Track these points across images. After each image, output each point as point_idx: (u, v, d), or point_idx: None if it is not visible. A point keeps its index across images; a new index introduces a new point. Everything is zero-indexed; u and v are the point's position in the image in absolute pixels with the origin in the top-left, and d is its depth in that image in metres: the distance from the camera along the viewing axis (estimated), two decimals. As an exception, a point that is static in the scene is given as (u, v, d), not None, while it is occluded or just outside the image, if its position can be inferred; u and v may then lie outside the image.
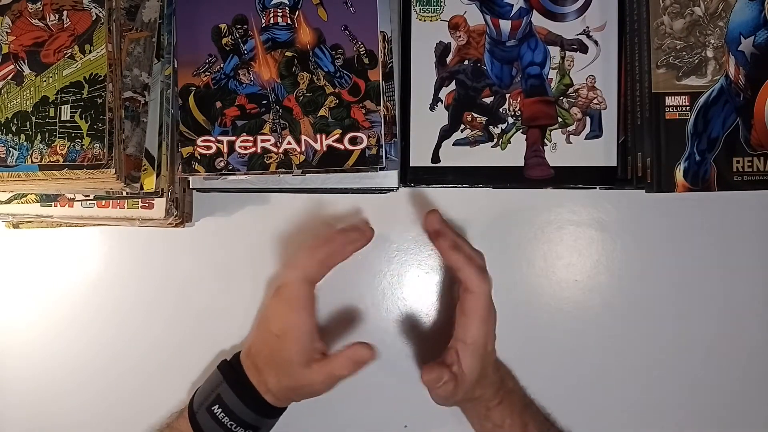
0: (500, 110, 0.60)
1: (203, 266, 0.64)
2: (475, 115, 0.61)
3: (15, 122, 0.53)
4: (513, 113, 0.60)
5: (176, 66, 0.58)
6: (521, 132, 0.60)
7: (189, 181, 0.61)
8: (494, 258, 0.63)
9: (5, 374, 0.65)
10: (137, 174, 0.56)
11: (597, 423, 0.63)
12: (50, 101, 0.53)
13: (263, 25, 0.58)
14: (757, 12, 0.56)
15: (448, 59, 0.61)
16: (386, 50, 0.58)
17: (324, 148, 0.57)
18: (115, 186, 0.55)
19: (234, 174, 0.58)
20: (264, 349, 0.55)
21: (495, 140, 0.60)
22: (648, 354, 0.63)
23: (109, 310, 0.64)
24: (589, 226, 0.63)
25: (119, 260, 0.64)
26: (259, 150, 0.57)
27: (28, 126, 0.53)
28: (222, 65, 0.58)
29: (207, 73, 0.58)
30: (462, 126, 0.61)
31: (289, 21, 0.58)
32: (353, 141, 0.57)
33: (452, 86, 0.61)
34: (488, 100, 0.61)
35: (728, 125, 0.56)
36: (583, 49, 0.60)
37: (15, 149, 0.53)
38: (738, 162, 0.56)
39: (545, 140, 0.60)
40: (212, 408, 0.54)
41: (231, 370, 0.56)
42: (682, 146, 0.56)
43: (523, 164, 0.60)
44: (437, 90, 0.61)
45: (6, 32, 0.54)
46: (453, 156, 0.60)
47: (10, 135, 0.53)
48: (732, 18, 0.56)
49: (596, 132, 0.60)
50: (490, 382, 0.56)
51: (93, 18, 0.54)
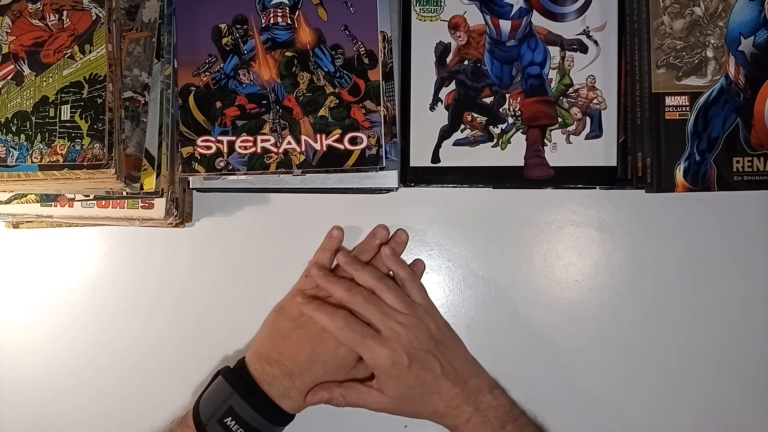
0: (500, 110, 0.60)
1: (203, 266, 0.64)
2: (475, 115, 0.61)
3: (15, 122, 0.53)
4: (513, 113, 0.60)
5: (176, 66, 0.58)
6: (521, 132, 0.60)
7: (189, 181, 0.61)
8: (494, 258, 0.64)
9: (5, 374, 0.65)
10: (137, 174, 0.56)
11: (597, 423, 0.63)
12: (50, 101, 0.53)
13: (263, 25, 0.58)
14: (757, 12, 0.56)
15: (448, 59, 0.61)
16: (386, 50, 0.58)
17: (324, 148, 0.57)
18: (115, 186, 0.55)
19: (234, 174, 0.58)
20: (308, 361, 0.56)
21: (495, 140, 0.60)
22: (648, 354, 0.63)
23: (109, 310, 0.64)
24: (589, 226, 0.63)
25: (119, 260, 0.64)
26: (259, 150, 0.57)
27: (28, 126, 0.53)
28: (222, 65, 0.58)
29: (207, 73, 0.58)
30: (462, 126, 0.61)
31: (289, 21, 0.58)
32: (353, 141, 0.57)
33: (452, 86, 0.61)
34: (488, 100, 0.61)
35: (728, 125, 0.56)
36: (583, 49, 0.60)
37: (15, 149, 0.53)
38: (738, 162, 0.56)
39: (545, 140, 0.60)
40: (225, 420, 0.54)
41: (239, 379, 0.56)
42: (682, 146, 0.56)
43: (523, 164, 0.60)
44: (437, 90, 0.61)
45: (6, 32, 0.54)
46: (453, 156, 0.60)
47: (10, 135, 0.53)
48: (732, 18, 0.56)
49: (596, 132, 0.60)
50: (444, 398, 0.55)
51: (93, 18, 0.54)
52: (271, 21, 0.58)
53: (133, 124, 0.56)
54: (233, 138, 0.58)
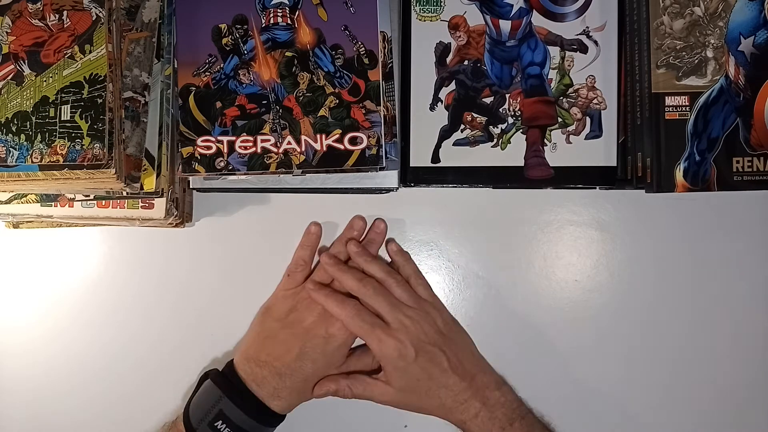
0: (500, 110, 0.60)
1: (203, 266, 0.64)
2: (475, 115, 0.61)
3: (15, 122, 0.53)
4: (513, 113, 0.60)
5: (176, 66, 0.58)
6: (521, 132, 0.60)
7: (189, 181, 0.61)
8: (494, 258, 0.64)
9: (5, 374, 0.65)
10: (137, 174, 0.56)
11: (597, 422, 0.63)
12: (50, 101, 0.53)
13: (263, 25, 0.58)
14: (757, 12, 0.56)
15: (448, 59, 0.61)
16: (386, 50, 0.58)
17: (324, 148, 0.57)
18: (115, 186, 0.55)
19: (234, 174, 0.58)
20: (297, 360, 0.56)
21: (495, 140, 0.60)
22: (648, 353, 0.63)
23: (109, 310, 0.64)
24: (589, 226, 0.63)
25: (119, 260, 0.64)
26: (259, 150, 0.57)
27: (29, 126, 0.53)
28: (222, 65, 0.58)
29: (207, 73, 0.58)
30: (462, 126, 0.61)
31: (289, 21, 0.58)
32: (353, 141, 0.57)
33: (452, 86, 0.61)
34: (488, 100, 0.61)
35: (728, 125, 0.56)
36: (583, 49, 0.60)
37: (15, 149, 0.53)
38: (738, 162, 0.56)
39: (545, 140, 0.60)
40: (215, 424, 0.54)
41: (229, 382, 0.56)
42: (682, 146, 0.56)
43: (523, 164, 0.60)
44: (437, 90, 0.61)
45: (6, 32, 0.54)
46: (453, 156, 0.60)
47: (11, 135, 0.53)
48: (732, 18, 0.56)
49: (596, 132, 0.60)
50: (451, 393, 0.55)
51: (93, 18, 0.54)
52: (271, 21, 0.58)
53: (133, 124, 0.56)
54: (233, 138, 0.58)
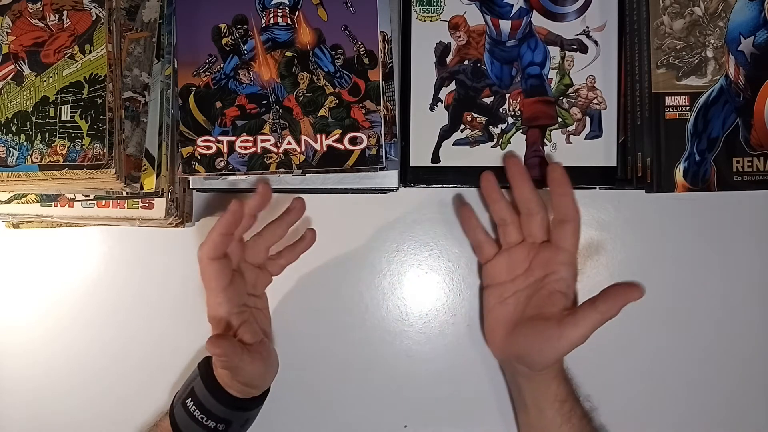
0: (500, 110, 0.60)
1: (203, 266, 0.64)
2: (475, 115, 0.61)
3: (15, 122, 0.53)
4: (513, 113, 0.60)
5: (176, 66, 0.58)
6: (521, 132, 0.60)
7: (189, 181, 0.61)
8: (494, 258, 0.63)
9: (5, 374, 0.65)
10: (137, 174, 0.56)
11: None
12: (50, 101, 0.53)
13: (263, 25, 0.58)
14: (757, 12, 0.56)
15: (448, 59, 0.61)
16: (386, 50, 0.58)
17: (324, 148, 0.57)
18: (115, 186, 0.55)
19: (234, 174, 0.58)
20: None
21: (495, 140, 0.60)
22: (647, 354, 0.63)
23: (109, 310, 0.64)
24: (589, 226, 0.63)
25: (119, 260, 0.64)
26: (259, 150, 0.57)
27: (28, 126, 0.53)
28: (222, 65, 0.58)
29: (207, 73, 0.58)
30: (462, 126, 0.61)
31: (289, 21, 0.58)
32: (353, 141, 0.57)
33: (452, 86, 0.61)
34: (488, 100, 0.61)
35: (728, 125, 0.56)
36: (583, 49, 0.60)
37: (15, 149, 0.53)
38: (738, 162, 0.56)
39: (545, 140, 0.60)
40: (186, 402, 0.54)
41: (206, 365, 0.56)
42: (682, 146, 0.56)
43: (523, 164, 0.60)
44: (437, 90, 0.61)
45: (6, 32, 0.54)
46: (453, 156, 0.60)
47: (10, 135, 0.53)
48: (732, 18, 0.56)
49: (596, 132, 0.60)
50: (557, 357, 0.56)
51: (93, 18, 0.54)
52: (271, 21, 0.58)
53: (133, 124, 0.56)
54: (233, 138, 0.58)
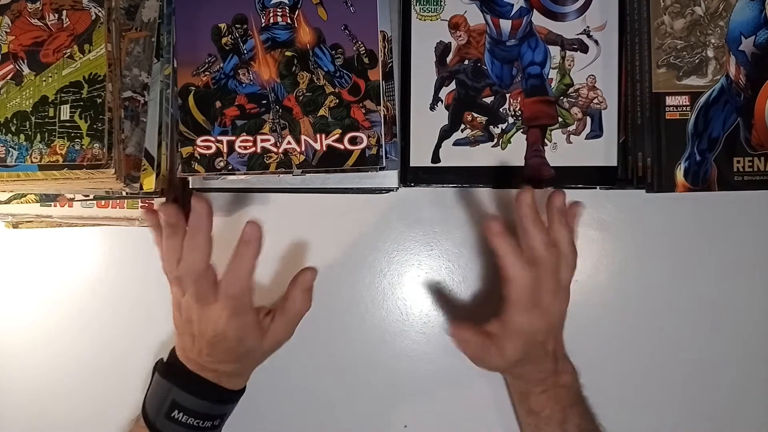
0: (500, 110, 0.60)
1: (203, 266, 0.64)
2: (476, 115, 0.60)
3: (14, 122, 0.53)
4: (513, 113, 0.60)
5: (176, 66, 0.58)
6: (521, 132, 0.60)
7: (189, 181, 0.61)
8: (494, 258, 0.64)
9: (5, 374, 0.65)
10: (137, 174, 0.56)
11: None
12: (50, 101, 0.53)
13: (263, 25, 0.58)
14: (758, 12, 0.56)
15: (449, 59, 0.61)
16: (386, 50, 0.58)
17: (324, 148, 0.57)
18: (115, 186, 0.55)
19: (234, 174, 0.58)
20: (213, 351, 0.53)
21: (495, 140, 0.60)
22: (647, 354, 0.63)
23: (109, 310, 0.64)
24: (589, 226, 0.63)
25: (119, 260, 0.64)
26: (259, 150, 0.57)
27: (28, 126, 0.53)
28: (222, 65, 0.58)
29: (207, 73, 0.58)
30: (462, 126, 0.60)
31: (289, 20, 0.58)
32: (353, 141, 0.57)
33: (452, 86, 0.61)
34: (488, 100, 0.60)
35: (729, 125, 0.56)
36: (584, 49, 0.60)
37: (14, 149, 0.53)
38: (738, 162, 0.56)
39: (545, 140, 0.60)
40: (172, 414, 0.53)
41: (175, 372, 0.55)
42: (683, 146, 0.56)
43: (524, 164, 0.60)
44: (437, 90, 0.61)
45: (5, 32, 0.54)
46: (453, 156, 0.60)
47: (10, 135, 0.53)
48: (733, 18, 0.56)
49: (596, 132, 0.60)
50: (539, 369, 0.56)
51: (92, 18, 0.54)
52: (271, 20, 0.58)
53: (133, 124, 0.56)
54: (233, 138, 0.57)
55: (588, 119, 0.60)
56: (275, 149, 0.57)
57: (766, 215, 0.63)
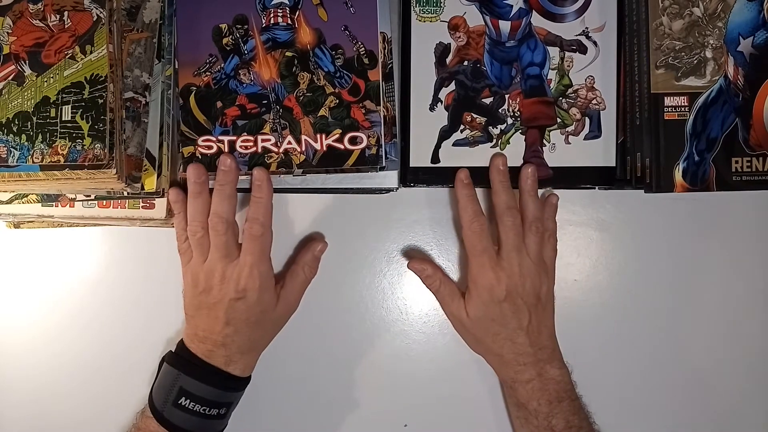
0: (500, 111, 0.61)
1: (203, 266, 0.64)
2: (475, 116, 0.61)
3: (16, 122, 0.53)
4: (512, 114, 0.61)
5: (177, 66, 0.59)
6: (520, 132, 0.60)
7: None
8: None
9: (5, 374, 0.65)
10: (138, 174, 0.56)
11: (596, 422, 0.63)
12: (51, 101, 0.53)
13: (264, 25, 0.59)
14: (756, 12, 0.56)
15: (448, 60, 0.61)
16: (386, 50, 0.59)
17: (324, 148, 0.58)
18: (116, 186, 0.55)
19: (234, 174, 0.58)
20: (233, 316, 0.55)
21: (494, 141, 0.61)
22: (646, 354, 0.64)
23: (110, 310, 0.64)
24: (589, 226, 0.64)
25: (120, 260, 0.64)
26: (260, 150, 0.58)
27: (29, 126, 0.53)
28: (222, 65, 0.58)
29: (208, 73, 0.58)
30: (462, 126, 0.61)
31: (290, 21, 0.59)
32: (353, 141, 0.58)
33: (452, 87, 0.61)
34: (488, 101, 0.61)
35: (727, 125, 0.56)
36: (583, 50, 0.60)
37: (16, 149, 0.53)
38: (737, 162, 0.56)
39: (544, 141, 0.60)
40: (179, 402, 0.54)
41: (182, 360, 0.56)
42: (681, 146, 0.56)
43: (523, 164, 0.60)
44: (437, 90, 0.61)
45: (7, 33, 0.54)
46: (453, 156, 0.61)
47: (11, 135, 0.53)
48: (731, 18, 0.56)
49: (595, 132, 0.60)
50: (512, 343, 0.57)
51: (94, 18, 0.54)
52: (272, 21, 0.59)
53: (134, 125, 0.56)
54: (234, 138, 0.58)
55: (587, 120, 0.60)
56: (276, 149, 0.58)
57: (765, 215, 0.63)
